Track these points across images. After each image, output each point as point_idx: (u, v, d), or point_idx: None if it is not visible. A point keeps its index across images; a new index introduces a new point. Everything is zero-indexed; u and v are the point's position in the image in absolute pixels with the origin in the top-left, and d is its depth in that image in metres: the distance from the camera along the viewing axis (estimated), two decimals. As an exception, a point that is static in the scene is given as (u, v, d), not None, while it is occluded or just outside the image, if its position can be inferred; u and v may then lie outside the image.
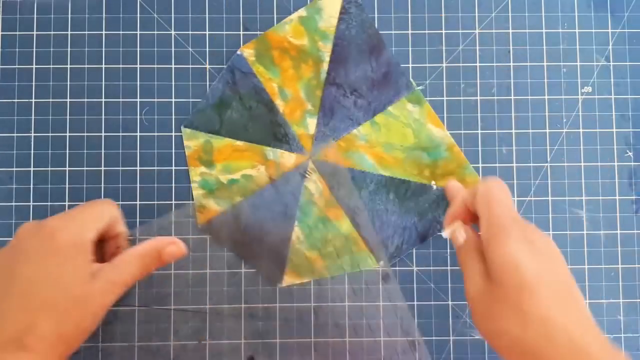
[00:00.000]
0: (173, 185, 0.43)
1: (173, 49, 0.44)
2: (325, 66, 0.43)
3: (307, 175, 0.43)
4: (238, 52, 0.43)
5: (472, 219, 0.37)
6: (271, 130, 0.43)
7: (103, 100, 0.43)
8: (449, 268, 0.43)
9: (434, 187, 0.43)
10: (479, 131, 0.44)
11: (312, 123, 0.43)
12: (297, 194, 0.43)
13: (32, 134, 0.43)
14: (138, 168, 0.43)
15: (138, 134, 0.43)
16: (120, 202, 0.43)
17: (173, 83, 0.43)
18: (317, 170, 0.43)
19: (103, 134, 0.43)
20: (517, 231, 0.32)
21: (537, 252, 0.32)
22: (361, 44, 0.43)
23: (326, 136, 0.43)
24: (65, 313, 0.33)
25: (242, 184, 0.43)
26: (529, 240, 0.32)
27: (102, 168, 0.43)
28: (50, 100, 0.43)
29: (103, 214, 0.36)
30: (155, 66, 0.43)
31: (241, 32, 0.44)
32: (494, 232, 0.33)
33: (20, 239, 0.35)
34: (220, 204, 0.43)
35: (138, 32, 0.44)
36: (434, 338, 0.43)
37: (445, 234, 0.37)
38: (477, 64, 0.44)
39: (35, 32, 0.43)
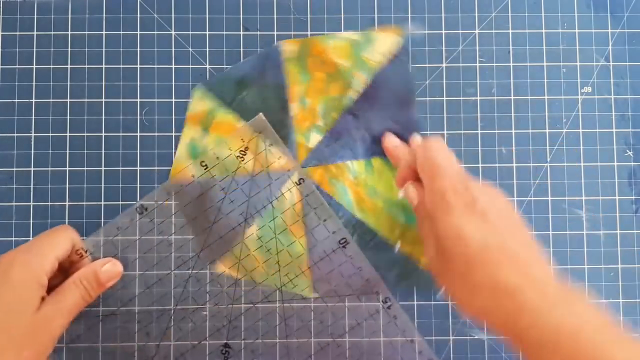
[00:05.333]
0: (173, 185, 0.43)
1: (173, 49, 0.44)
2: (352, 93, 0.43)
3: (300, 182, 0.43)
4: (278, 44, 0.43)
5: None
6: (275, 127, 0.43)
7: (103, 100, 0.43)
8: (448, 268, 0.43)
9: (397, 248, 0.42)
10: (479, 131, 0.44)
11: (315, 138, 0.43)
12: (271, 196, 0.43)
13: (33, 134, 0.43)
14: (138, 168, 0.43)
15: (138, 134, 0.43)
16: (121, 203, 0.43)
17: (173, 83, 0.43)
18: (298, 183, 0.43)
19: (103, 134, 0.43)
20: (460, 203, 0.32)
21: (484, 220, 0.32)
22: (395, 93, 0.43)
23: (323, 156, 0.43)
24: (21, 342, 0.35)
25: (225, 163, 0.43)
26: (475, 210, 0.32)
27: (102, 168, 0.43)
28: (51, 100, 0.43)
29: (60, 242, 0.38)
30: (156, 66, 0.43)
31: (241, 32, 0.44)
32: (436, 205, 0.33)
33: None
34: (197, 172, 0.42)
35: (138, 32, 0.44)
36: (433, 338, 0.43)
37: (400, 195, 0.38)
38: (477, 64, 0.44)
39: (35, 32, 0.43)
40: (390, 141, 0.42)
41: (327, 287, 0.42)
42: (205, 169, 0.42)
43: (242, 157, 0.42)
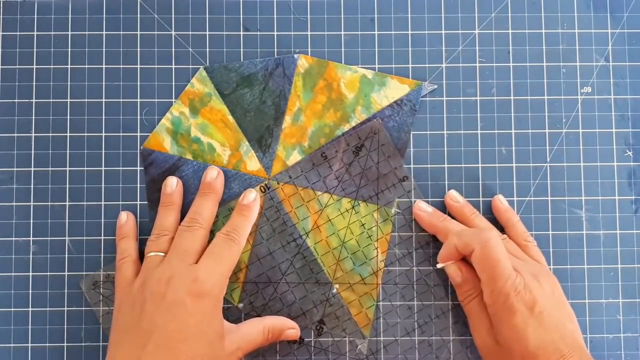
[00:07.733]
0: (173, 185, 0.43)
1: (173, 49, 0.44)
2: (346, 127, 0.43)
3: (267, 190, 0.43)
4: (295, 55, 0.43)
5: (463, 257, 0.40)
6: (262, 133, 0.43)
7: (103, 100, 0.43)
8: (448, 268, 0.43)
9: (334, 290, 0.42)
10: (479, 131, 0.44)
11: (295, 157, 0.43)
12: (228, 196, 0.43)
13: (33, 134, 0.43)
14: (138, 168, 0.43)
15: (138, 134, 0.43)
16: (121, 202, 0.43)
17: (173, 83, 0.43)
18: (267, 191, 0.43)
19: (103, 134, 0.43)
20: (522, 306, 0.36)
21: (540, 320, 0.36)
22: (389, 140, 0.43)
23: (298, 178, 0.43)
24: None
25: (202, 148, 0.43)
26: (534, 312, 0.36)
27: (103, 168, 0.43)
28: (51, 100, 0.43)
29: (236, 259, 0.39)
30: (156, 66, 0.43)
31: (241, 33, 0.44)
32: (499, 305, 0.37)
33: (162, 282, 0.37)
34: (171, 148, 0.43)
35: (138, 33, 0.44)
36: (433, 338, 0.43)
37: (439, 266, 0.41)
38: (477, 64, 0.44)
39: (35, 33, 0.43)
40: (422, 208, 0.42)
41: (259, 303, 0.42)
42: (182, 149, 0.43)
43: (224, 150, 0.43)
